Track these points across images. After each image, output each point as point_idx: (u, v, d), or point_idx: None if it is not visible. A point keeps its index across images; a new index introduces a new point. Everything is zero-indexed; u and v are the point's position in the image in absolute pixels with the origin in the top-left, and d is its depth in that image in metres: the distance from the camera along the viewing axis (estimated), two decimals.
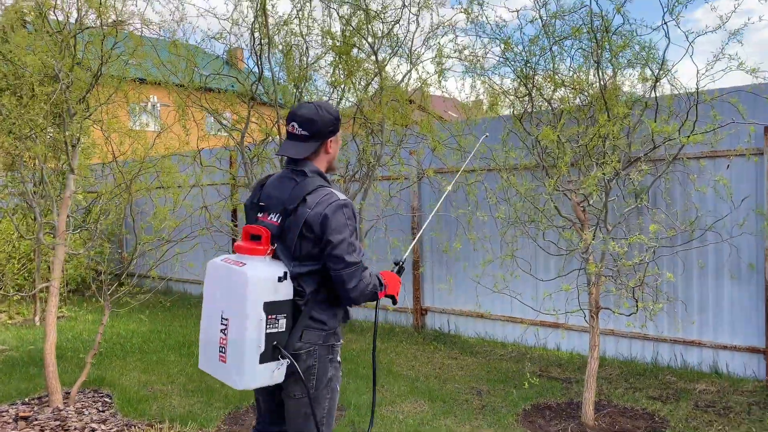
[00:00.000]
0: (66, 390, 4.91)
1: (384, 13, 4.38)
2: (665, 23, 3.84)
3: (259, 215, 2.44)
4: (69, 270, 9.27)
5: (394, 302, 2.66)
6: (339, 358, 2.48)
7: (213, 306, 2.33)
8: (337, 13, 4.40)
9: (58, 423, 4.45)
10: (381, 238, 6.56)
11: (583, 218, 4.48)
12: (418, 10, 4.48)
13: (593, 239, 4.13)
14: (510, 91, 4.62)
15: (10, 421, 4.52)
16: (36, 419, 4.51)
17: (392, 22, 4.39)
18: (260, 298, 2.20)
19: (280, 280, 2.26)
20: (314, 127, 2.41)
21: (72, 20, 4.91)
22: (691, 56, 3.74)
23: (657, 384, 5.13)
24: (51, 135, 5.17)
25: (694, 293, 5.28)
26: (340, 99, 4.76)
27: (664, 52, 3.88)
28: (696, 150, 4.95)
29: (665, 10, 3.82)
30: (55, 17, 4.87)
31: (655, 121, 3.94)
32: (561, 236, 4.48)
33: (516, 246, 4.89)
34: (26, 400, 4.98)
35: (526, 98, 4.52)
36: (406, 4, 4.41)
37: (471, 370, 5.65)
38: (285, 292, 2.28)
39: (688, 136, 3.64)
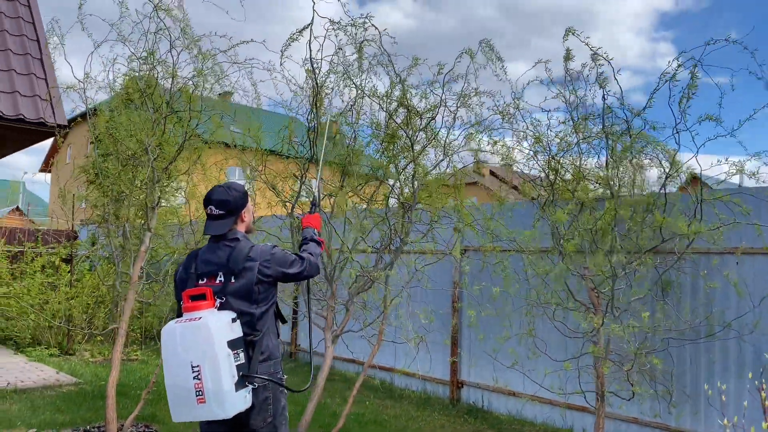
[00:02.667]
0: (121, 422, 5.54)
1: (424, 112, 4.97)
2: (677, 132, 4.18)
3: (200, 282, 2.99)
4: (148, 317, 10.21)
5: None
6: (285, 390, 3.04)
7: (179, 361, 2.77)
8: (383, 109, 5.03)
9: None
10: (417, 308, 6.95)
11: (596, 303, 4.74)
12: (456, 108, 5.04)
13: (602, 324, 4.39)
14: (537, 180, 5.04)
15: None
16: None
17: (429, 118, 4.97)
18: (223, 338, 2.75)
19: (233, 320, 2.84)
20: (228, 206, 3.04)
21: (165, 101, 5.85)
22: (696, 160, 4.06)
23: None
24: (137, 198, 6.05)
25: (702, 387, 5.28)
26: (381, 182, 5.34)
27: (674, 157, 4.20)
28: (716, 245, 5.10)
29: (677, 120, 4.18)
30: (152, 101, 5.81)
31: (663, 216, 4.24)
32: (576, 318, 4.74)
33: (533, 325, 5.16)
34: (88, 427, 5.65)
35: (550, 187, 4.92)
36: (445, 103, 4.99)
37: None
38: (237, 330, 2.85)
39: (690, 229, 3.91)
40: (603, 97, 4.17)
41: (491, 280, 6.12)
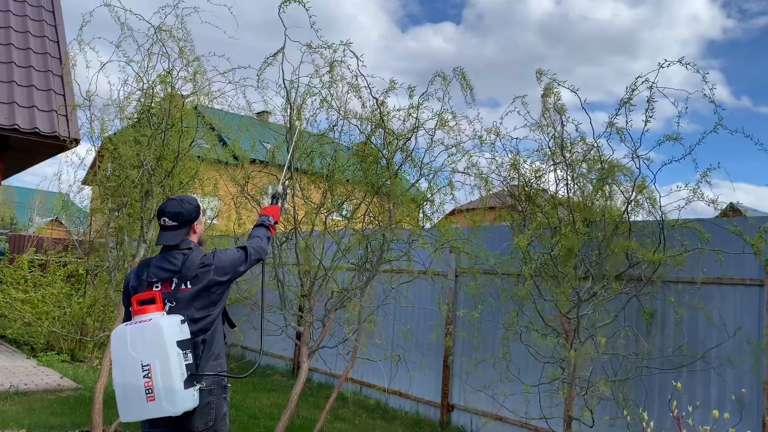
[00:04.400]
0: (106, 427, 5.70)
1: (402, 134, 5.08)
2: (637, 156, 4.19)
3: (155, 288, 3.13)
4: None
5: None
6: (228, 398, 3.15)
7: (128, 361, 2.91)
8: (361, 131, 5.16)
9: None
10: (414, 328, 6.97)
11: (567, 328, 4.71)
12: (434, 130, 5.13)
13: (571, 349, 4.36)
14: (509, 206, 5.08)
15: None
16: None
17: (405, 138, 5.07)
18: (173, 338, 2.89)
19: (183, 322, 2.99)
20: (181, 218, 3.19)
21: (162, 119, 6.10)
22: (654, 185, 4.05)
23: None
24: (134, 210, 6.28)
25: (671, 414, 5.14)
26: (363, 198, 5.44)
27: (635, 181, 4.19)
28: (688, 275, 5.00)
29: (637, 146, 4.19)
30: (150, 117, 6.06)
31: (629, 242, 4.22)
32: (542, 343, 4.71)
33: (508, 349, 5.14)
34: (76, 431, 5.83)
35: (521, 214, 4.95)
36: (422, 125, 5.09)
37: None
38: (186, 332, 2.99)
39: (655, 254, 3.89)
40: (561, 122, 4.20)
41: (479, 303, 6.13)
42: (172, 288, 3.12)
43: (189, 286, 3.10)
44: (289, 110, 4.93)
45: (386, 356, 6.04)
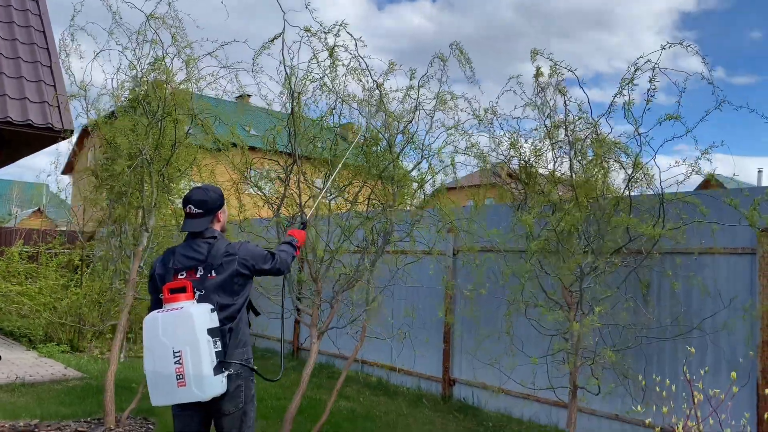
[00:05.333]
0: (119, 414, 5.79)
1: (402, 116, 5.16)
2: (639, 134, 4.32)
3: (179, 276, 3.22)
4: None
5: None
6: (254, 380, 3.31)
7: (161, 348, 3.01)
8: (362, 114, 5.23)
9: None
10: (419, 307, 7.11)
11: (570, 301, 4.87)
12: (433, 111, 5.21)
13: (573, 321, 4.52)
14: (511, 184, 5.19)
15: None
16: None
17: (406, 122, 5.15)
18: (204, 326, 2.99)
19: (212, 311, 3.09)
20: (206, 206, 3.28)
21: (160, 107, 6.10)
22: (654, 161, 4.19)
23: None
24: (136, 199, 6.31)
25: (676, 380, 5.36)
26: (364, 183, 5.52)
27: (636, 156, 4.33)
28: (684, 246, 5.17)
29: (638, 124, 4.31)
30: (146, 105, 6.07)
31: (629, 217, 4.37)
32: (548, 316, 4.87)
33: (511, 324, 5.29)
34: (88, 419, 5.92)
35: (524, 192, 5.07)
36: (422, 107, 5.17)
37: None
38: (215, 320, 3.09)
39: (655, 229, 4.04)
40: (564, 103, 4.32)
41: (480, 280, 6.27)
42: (200, 276, 3.20)
43: (214, 274, 3.19)
44: (291, 97, 4.97)
45: (392, 334, 6.18)
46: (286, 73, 4.98)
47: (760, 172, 33.38)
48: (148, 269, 6.63)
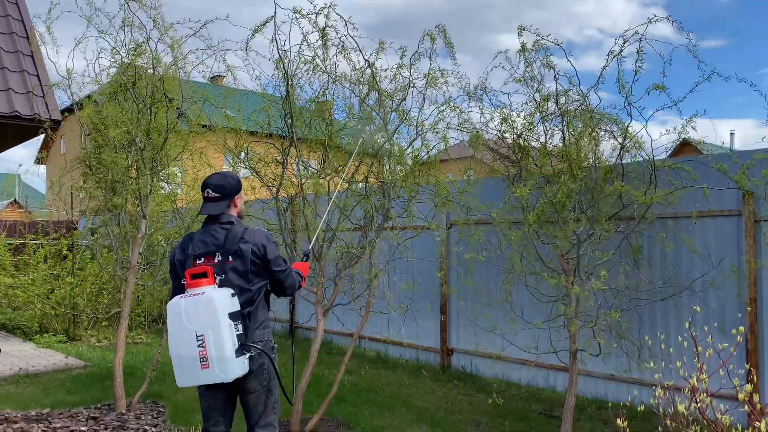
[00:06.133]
0: (129, 399, 5.89)
1: (394, 94, 5.24)
2: (629, 104, 4.46)
3: (198, 261, 3.30)
4: (148, 300, 10.57)
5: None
6: (276, 357, 3.41)
7: (184, 332, 3.11)
8: (355, 94, 5.30)
9: (119, 424, 5.41)
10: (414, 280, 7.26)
11: (566, 268, 5.04)
12: (425, 89, 5.30)
13: (571, 286, 4.70)
14: (505, 157, 5.32)
15: (83, 420, 5.54)
16: (102, 420, 5.50)
17: (400, 99, 5.23)
18: (225, 310, 3.10)
19: (233, 295, 3.19)
20: (224, 190, 3.36)
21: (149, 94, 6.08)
22: (646, 130, 4.34)
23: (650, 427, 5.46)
24: (131, 186, 6.32)
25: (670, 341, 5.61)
26: (361, 161, 5.61)
27: (627, 126, 4.47)
28: (673, 210, 5.36)
29: (625, 96, 4.46)
30: (135, 93, 6.04)
31: (622, 185, 4.53)
32: (548, 282, 5.05)
33: (509, 292, 5.48)
34: (98, 405, 6.01)
35: (518, 164, 5.20)
36: (414, 85, 5.25)
37: (479, 406, 6.18)
38: (236, 304, 3.20)
39: (648, 196, 4.20)
40: (555, 77, 4.44)
41: (475, 252, 6.43)
42: (219, 261, 3.28)
43: (232, 259, 3.28)
44: (285, 81, 5.02)
45: (394, 308, 6.33)
46: (279, 56, 5.01)
47: (732, 134, 34.48)
48: (148, 255, 6.68)
